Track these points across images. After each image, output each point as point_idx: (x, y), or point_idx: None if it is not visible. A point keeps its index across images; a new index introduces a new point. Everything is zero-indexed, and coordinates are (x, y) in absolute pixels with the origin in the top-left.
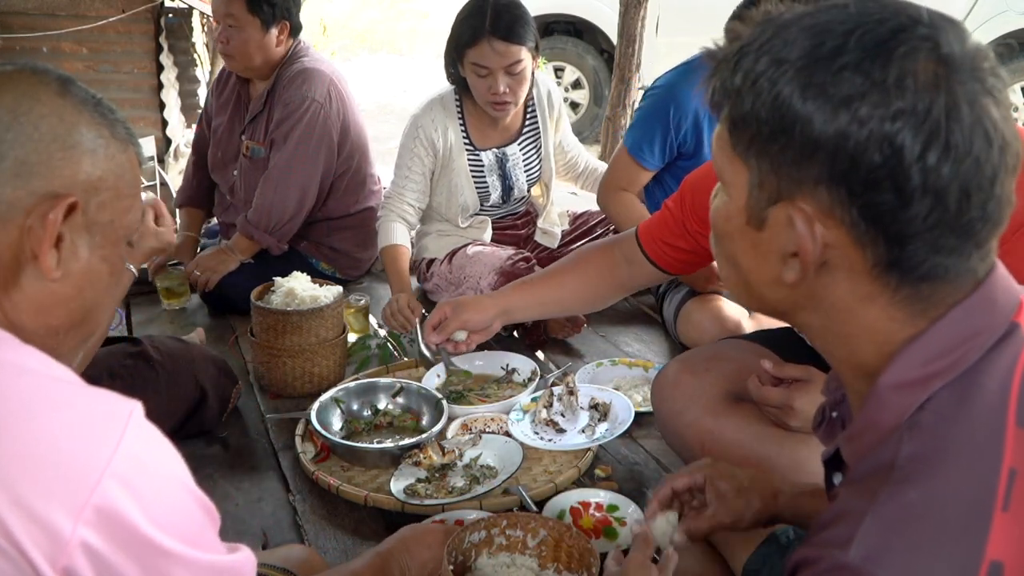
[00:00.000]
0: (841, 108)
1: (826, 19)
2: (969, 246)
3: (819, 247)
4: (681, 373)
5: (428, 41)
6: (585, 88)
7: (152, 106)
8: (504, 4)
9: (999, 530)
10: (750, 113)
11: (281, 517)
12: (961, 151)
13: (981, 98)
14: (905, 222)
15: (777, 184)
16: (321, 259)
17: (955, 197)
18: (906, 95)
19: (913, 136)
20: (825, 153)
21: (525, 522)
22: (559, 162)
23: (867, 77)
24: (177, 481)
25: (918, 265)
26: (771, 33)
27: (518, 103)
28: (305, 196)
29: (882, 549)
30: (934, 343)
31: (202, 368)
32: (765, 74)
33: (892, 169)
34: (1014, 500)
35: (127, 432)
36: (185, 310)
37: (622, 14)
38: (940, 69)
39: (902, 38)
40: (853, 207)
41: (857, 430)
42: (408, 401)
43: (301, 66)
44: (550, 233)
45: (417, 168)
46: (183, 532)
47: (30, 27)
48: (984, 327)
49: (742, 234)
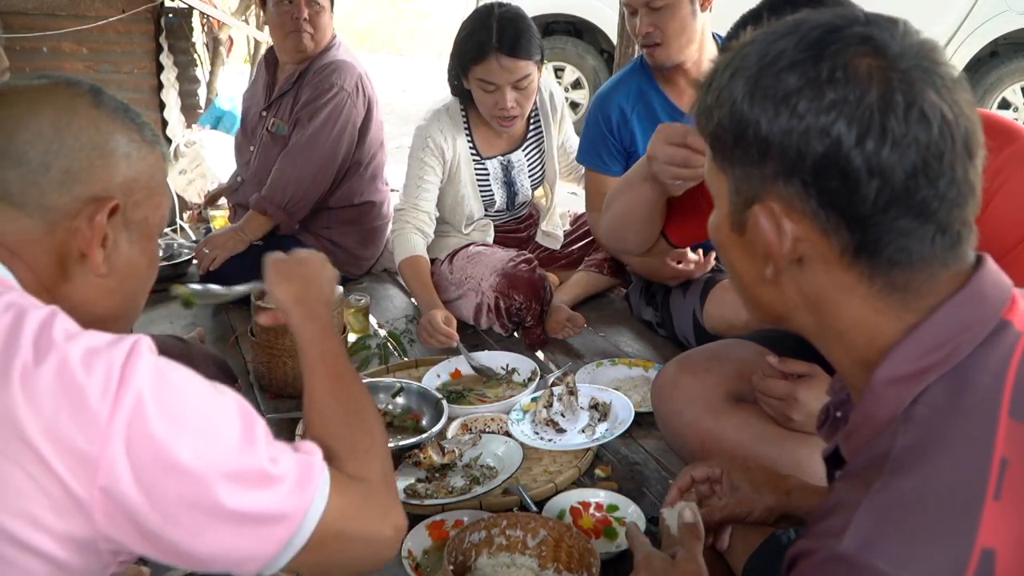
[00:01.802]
0: (782, 106)
1: (776, 30)
2: (929, 228)
3: (789, 241)
4: (681, 373)
5: (428, 41)
6: (585, 88)
7: (152, 106)
8: (509, 18)
9: (991, 518)
10: (719, 125)
11: None
12: (898, 135)
13: (920, 86)
14: (859, 205)
15: (748, 187)
16: (321, 251)
17: (901, 178)
18: (838, 88)
19: (848, 125)
20: (776, 150)
21: (525, 522)
22: (562, 163)
23: (802, 75)
24: (192, 389)
25: (883, 248)
26: (735, 51)
27: (524, 116)
28: (321, 177)
29: (875, 537)
30: (926, 338)
31: (202, 368)
32: (726, 87)
33: (834, 157)
34: (1005, 489)
35: (135, 355)
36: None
37: (622, 14)
38: (875, 62)
39: (835, 37)
40: (810, 198)
41: (854, 425)
42: (408, 401)
43: (334, 57)
44: (552, 235)
45: (430, 178)
46: (203, 435)
47: (30, 27)
48: (975, 322)
49: (731, 241)
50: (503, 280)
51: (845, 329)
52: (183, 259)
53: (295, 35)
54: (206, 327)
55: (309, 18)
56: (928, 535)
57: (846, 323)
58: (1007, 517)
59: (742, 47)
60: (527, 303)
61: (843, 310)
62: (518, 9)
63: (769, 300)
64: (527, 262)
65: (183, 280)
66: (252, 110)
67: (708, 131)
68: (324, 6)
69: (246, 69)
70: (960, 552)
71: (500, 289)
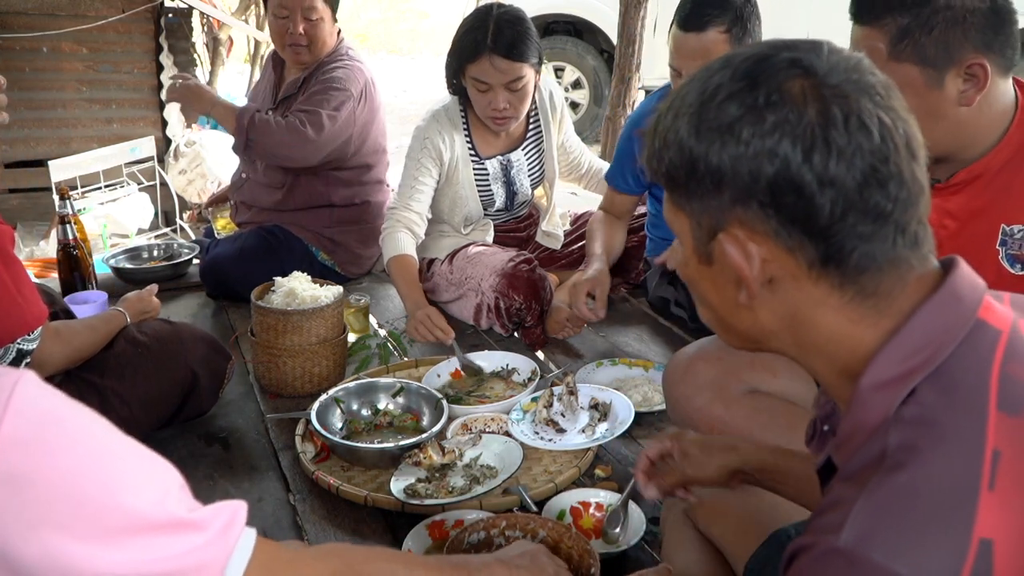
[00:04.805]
0: (727, 135)
1: (710, 67)
2: (888, 229)
3: (758, 263)
4: (695, 359)
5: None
6: (585, 88)
7: (152, 106)
8: (507, 20)
9: (986, 508)
10: (670, 164)
11: (281, 517)
12: (842, 146)
13: (854, 97)
14: (817, 217)
15: (709, 219)
16: (321, 248)
17: (853, 185)
18: (777, 110)
19: (792, 144)
20: (729, 178)
21: (524, 523)
22: (562, 163)
23: (741, 103)
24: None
25: (847, 256)
26: (674, 95)
27: (519, 117)
28: (300, 160)
29: (873, 531)
30: (908, 341)
31: (192, 348)
32: (671, 127)
33: (785, 175)
34: (999, 479)
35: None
36: None
37: (622, 14)
38: (806, 82)
39: (765, 65)
40: (770, 218)
41: (845, 434)
42: (408, 401)
43: (343, 63)
44: (553, 235)
45: (425, 179)
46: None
47: (30, 27)
48: (954, 322)
49: (700, 274)
50: (503, 280)
51: (824, 343)
52: (183, 259)
53: (291, 48)
54: (206, 327)
55: (305, 32)
56: (925, 528)
57: (824, 336)
58: (1003, 507)
59: (680, 89)
60: (527, 303)
61: (819, 324)
62: (518, 11)
63: (745, 327)
64: (527, 262)
65: (183, 278)
66: (257, 107)
67: (661, 173)
68: (322, 16)
69: (246, 69)
70: (958, 543)
71: (500, 289)
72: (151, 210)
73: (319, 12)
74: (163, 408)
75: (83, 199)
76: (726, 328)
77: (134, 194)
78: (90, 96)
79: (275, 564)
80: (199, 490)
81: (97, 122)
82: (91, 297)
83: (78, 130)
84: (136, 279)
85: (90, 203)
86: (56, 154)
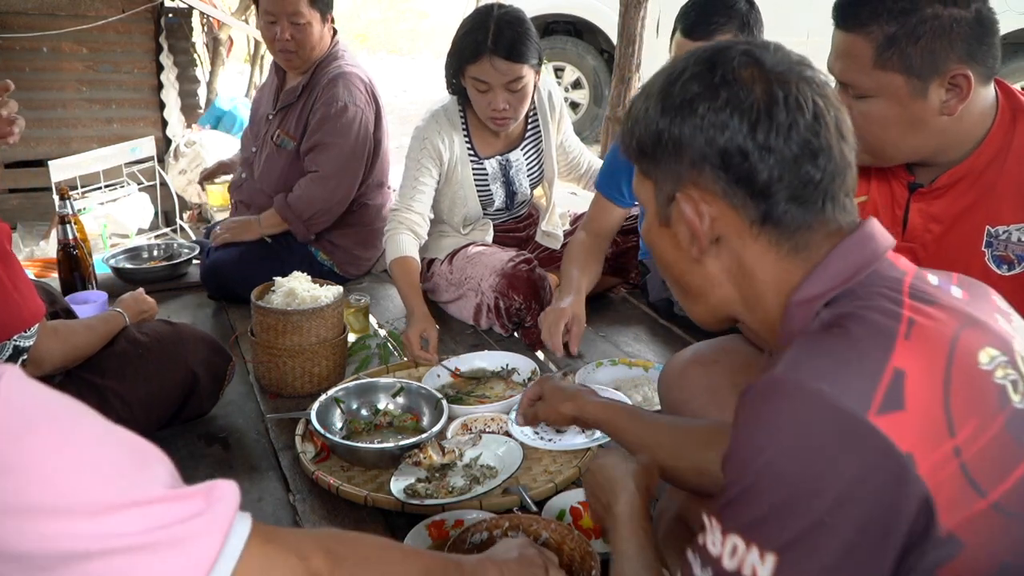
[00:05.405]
0: (687, 110)
1: (677, 60)
2: (818, 195)
3: (708, 220)
4: (690, 363)
5: (428, 41)
6: (585, 88)
7: (152, 106)
8: (507, 21)
9: (902, 350)
10: (640, 139)
11: (281, 517)
12: (781, 121)
13: (794, 83)
14: (758, 179)
15: (668, 184)
16: (320, 249)
17: (789, 156)
18: (729, 89)
19: (740, 118)
20: (688, 147)
21: (527, 524)
22: (561, 163)
23: (700, 83)
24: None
25: (782, 215)
26: (647, 83)
27: (519, 118)
28: (345, 197)
29: (802, 361)
30: (830, 267)
31: (192, 348)
32: (640, 107)
33: (735, 144)
34: (914, 335)
35: None
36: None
37: (622, 14)
38: (756, 71)
39: (723, 55)
40: (719, 180)
41: (779, 345)
42: (408, 401)
43: (339, 68)
44: (552, 235)
45: (426, 180)
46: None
47: (30, 27)
48: (869, 256)
49: (660, 235)
50: (503, 280)
51: (762, 293)
52: (183, 259)
53: (282, 53)
54: (206, 327)
55: (292, 36)
56: (848, 358)
57: (762, 287)
58: (915, 352)
59: (651, 78)
60: (527, 303)
61: (758, 275)
62: (518, 11)
63: (697, 282)
64: (527, 262)
65: (183, 278)
66: (260, 110)
67: (633, 147)
68: (309, 20)
69: (246, 69)
70: (875, 370)
71: (500, 289)
72: (151, 210)
73: (305, 17)
74: (163, 408)
75: (83, 199)
76: (681, 286)
77: (134, 194)
78: (90, 96)
79: (272, 536)
80: None
81: (97, 122)
82: (91, 297)
83: (78, 130)
84: (136, 279)
85: (90, 203)
86: (56, 154)
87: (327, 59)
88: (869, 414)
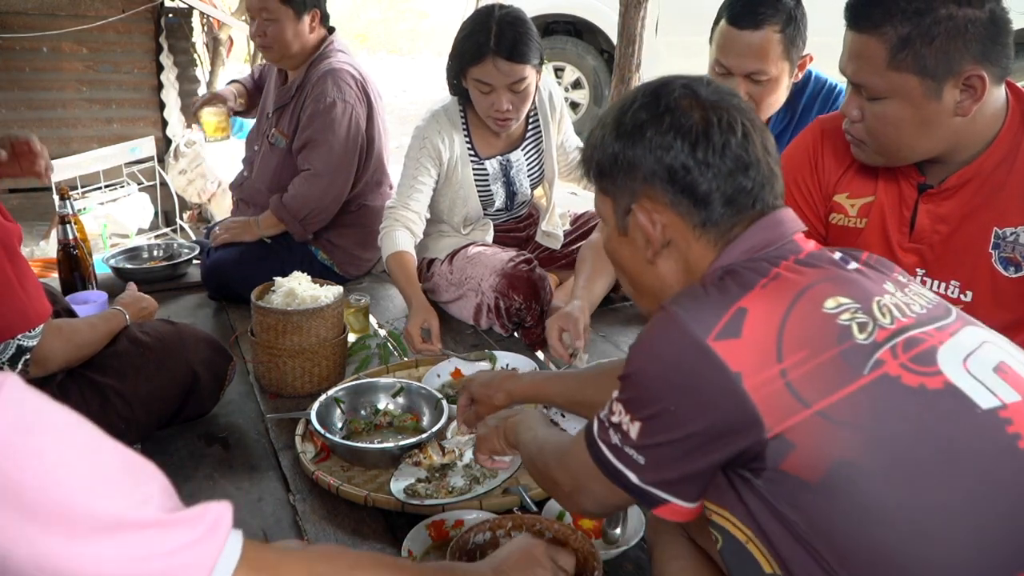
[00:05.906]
0: (637, 135)
1: (626, 95)
2: (749, 200)
3: (660, 227)
4: None
5: (428, 41)
6: (585, 88)
7: (152, 106)
8: (509, 21)
9: (754, 295)
10: (599, 163)
11: (281, 517)
12: (717, 142)
13: (724, 109)
14: (700, 190)
15: (625, 198)
16: (320, 248)
17: (725, 170)
18: (673, 115)
19: (683, 140)
20: (640, 165)
21: (530, 524)
22: (561, 163)
23: (647, 111)
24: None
25: (720, 218)
26: (601, 115)
27: (520, 118)
28: (341, 195)
29: (679, 298)
30: (740, 245)
31: (193, 348)
32: (597, 135)
33: (679, 161)
34: (771, 285)
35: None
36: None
37: (622, 14)
38: (693, 100)
39: (666, 88)
40: (668, 193)
41: None
42: (408, 401)
43: (330, 65)
44: (553, 235)
45: (424, 179)
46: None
47: (30, 27)
48: (774, 236)
49: (620, 244)
50: (503, 280)
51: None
52: (183, 259)
53: (261, 49)
54: (206, 327)
55: (265, 33)
56: (708, 298)
57: (700, 277)
58: (766, 296)
59: (604, 112)
60: (527, 303)
61: (699, 269)
62: (519, 12)
63: (651, 282)
64: (527, 262)
65: (183, 278)
66: (264, 110)
67: (593, 170)
68: (278, 17)
69: (246, 69)
70: (723, 305)
71: (500, 289)
72: (151, 210)
73: (272, 13)
74: (164, 408)
75: (83, 199)
76: (637, 287)
77: (134, 194)
78: (90, 96)
79: (262, 565)
80: (199, 490)
81: (97, 122)
82: (91, 297)
83: (78, 130)
84: (136, 279)
85: (90, 203)
86: (56, 154)
87: (319, 57)
88: (708, 338)
